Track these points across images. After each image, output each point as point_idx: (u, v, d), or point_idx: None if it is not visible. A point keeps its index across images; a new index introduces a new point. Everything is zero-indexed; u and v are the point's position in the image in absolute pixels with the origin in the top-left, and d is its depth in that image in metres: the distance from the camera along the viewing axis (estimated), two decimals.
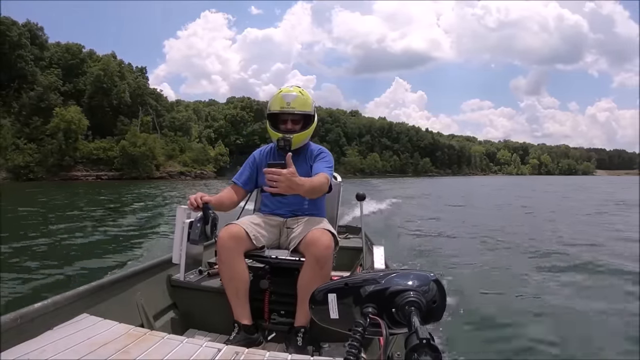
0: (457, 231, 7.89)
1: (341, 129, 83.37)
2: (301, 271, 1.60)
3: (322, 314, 0.65)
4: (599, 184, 44.76)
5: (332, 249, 1.61)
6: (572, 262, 5.22)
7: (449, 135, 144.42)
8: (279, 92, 1.88)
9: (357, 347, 0.54)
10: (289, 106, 1.82)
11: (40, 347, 1.11)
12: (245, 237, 1.66)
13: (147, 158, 40.04)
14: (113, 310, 1.50)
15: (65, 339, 1.17)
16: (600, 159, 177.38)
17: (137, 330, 1.30)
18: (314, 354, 1.56)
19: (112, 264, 4.89)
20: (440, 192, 23.62)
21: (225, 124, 68.63)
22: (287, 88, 1.89)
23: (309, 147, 1.95)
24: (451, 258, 5.35)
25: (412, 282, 0.59)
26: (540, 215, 11.33)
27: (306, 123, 1.88)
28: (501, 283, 4.26)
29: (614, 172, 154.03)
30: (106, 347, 1.14)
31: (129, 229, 7.99)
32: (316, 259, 1.55)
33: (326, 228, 1.69)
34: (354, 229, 3.09)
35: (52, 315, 1.28)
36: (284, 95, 1.83)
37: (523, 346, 2.72)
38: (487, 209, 13.78)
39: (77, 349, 1.11)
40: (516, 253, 5.86)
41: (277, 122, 1.87)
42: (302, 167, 1.81)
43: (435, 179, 69.38)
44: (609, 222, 9.81)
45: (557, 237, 7.14)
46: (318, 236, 1.59)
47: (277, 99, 1.85)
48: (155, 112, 45.90)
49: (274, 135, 1.85)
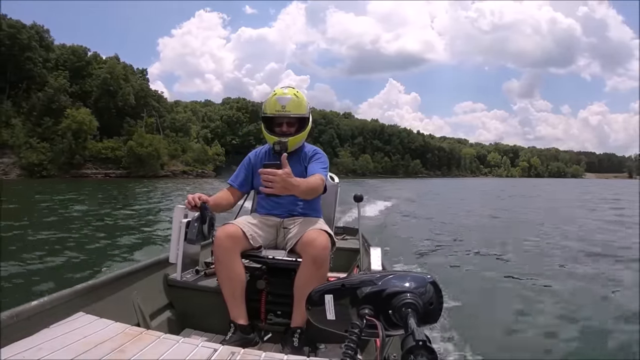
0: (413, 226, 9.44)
1: (334, 130, 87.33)
2: (298, 272, 1.62)
3: (318, 314, 0.66)
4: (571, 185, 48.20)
5: (329, 250, 1.63)
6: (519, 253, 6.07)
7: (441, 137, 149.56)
8: (273, 94, 1.88)
9: (353, 349, 0.55)
10: (284, 109, 1.83)
11: (36, 345, 1.12)
12: (242, 237, 1.68)
13: (153, 158, 43.66)
14: (109, 309, 1.51)
15: (62, 338, 1.18)
16: (590, 162, 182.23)
17: (133, 329, 1.31)
18: (310, 355, 1.58)
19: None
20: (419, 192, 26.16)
21: (221, 124, 71.90)
22: (281, 90, 1.89)
23: (303, 148, 1.97)
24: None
25: (409, 283, 0.60)
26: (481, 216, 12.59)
27: (301, 125, 1.89)
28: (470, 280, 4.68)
29: (603, 175, 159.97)
30: (102, 346, 1.16)
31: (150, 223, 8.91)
32: (313, 260, 1.57)
33: (323, 228, 1.70)
34: (351, 230, 3.12)
35: (48, 314, 1.29)
36: (279, 98, 1.84)
37: (522, 346, 2.83)
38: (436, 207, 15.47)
39: (73, 348, 1.12)
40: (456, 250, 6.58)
41: (272, 124, 1.88)
42: (296, 167, 1.84)
43: (425, 180, 73.34)
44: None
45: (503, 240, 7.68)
46: (315, 236, 1.61)
47: (271, 101, 1.86)
48: (157, 113, 49.38)
49: (270, 139, 1.87)
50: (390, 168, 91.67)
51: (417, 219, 11.24)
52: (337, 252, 1.84)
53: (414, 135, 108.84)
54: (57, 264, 5.07)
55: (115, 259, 5.35)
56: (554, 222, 10.82)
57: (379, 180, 50.32)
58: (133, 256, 5.39)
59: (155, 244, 6.37)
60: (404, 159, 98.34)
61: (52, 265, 4.98)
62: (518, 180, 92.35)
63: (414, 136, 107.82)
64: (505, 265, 5.48)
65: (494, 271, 5.07)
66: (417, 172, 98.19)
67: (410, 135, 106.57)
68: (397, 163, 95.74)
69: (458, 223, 10.40)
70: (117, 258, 5.40)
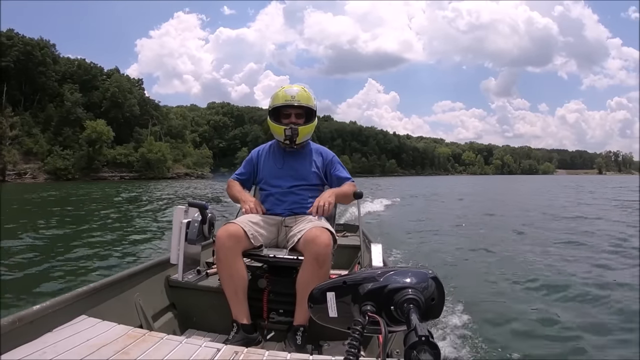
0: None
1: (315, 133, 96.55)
2: (300, 269, 1.70)
3: (320, 312, 0.68)
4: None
5: (331, 247, 1.71)
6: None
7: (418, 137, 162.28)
8: (281, 88, 2.04)
9: (356, 346, 0.56)
10: (293, 99, 1.97)
11: (39, 349, 1.17)
12: (243, 236, 1.76)
13: (161, 162, 53.07)
14: (112, 311, 1.58)
15: (65, 341, 1.23)
16: (562, 159, 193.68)
17: (136, 331, 1.37)
18: (313, 353, 1.64)
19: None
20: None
21: (209, 129, 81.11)
22: (288, 85, 2.07)
23: (309, 145, 2.13)
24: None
25: (410, 279, 0.62)
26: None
27: (308, 118, 2.04)
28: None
29: (573, 172, 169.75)
30: (106, 349, 1.21)
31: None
32: (315, 257, 1.65)
33: (324, 226, 1.78)
34: (352, 227, 3.28)
35: (51, 317, 1.34)
36: (288, 90, 2.01)
37: (522, 345, 2.90)
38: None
39: (77, 351, 1.18)
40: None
41: (279, 117, 2.02)
42: (303, 164, 2.04)
43: (400, 178, 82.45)
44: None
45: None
46: (317, 234, 1.69)
47: (280, 93, 2.01)
48: (158, 121, 58.80)
49: (278, 129, 1.99)
50: (368, 168, 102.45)
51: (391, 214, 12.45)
52: (338, 249, 1.87)
53: (390, 136, 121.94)
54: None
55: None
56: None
57: (358, 179, 59.95)
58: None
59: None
60: (380, 159, 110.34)
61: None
62: (491, 178, 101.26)
63: (390, 137, 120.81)
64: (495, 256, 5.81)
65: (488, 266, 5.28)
66: (393, 171, 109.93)
67: (386, 136, 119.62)
68: (374, 163, 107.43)
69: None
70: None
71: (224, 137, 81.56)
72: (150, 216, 11.13)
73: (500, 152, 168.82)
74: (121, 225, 9.33)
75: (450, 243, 7.04)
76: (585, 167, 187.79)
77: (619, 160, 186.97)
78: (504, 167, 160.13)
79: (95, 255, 5.90)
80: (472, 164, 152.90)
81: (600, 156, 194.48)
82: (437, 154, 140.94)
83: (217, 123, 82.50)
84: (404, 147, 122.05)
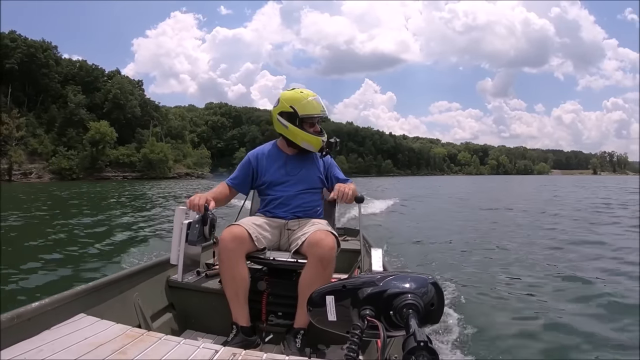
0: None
1: None
2: (303, 272, 1.72)
3: (319, 316, 0.69)
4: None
5: (335, 250, 1.74)
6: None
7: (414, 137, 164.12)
8: (306, 96, 2.00)
9: (355, 350, 0.57)
10: (322, 112, 2.01)
11: (37, 346, 1.18)
12: (247, 238, 1.77)
13: (163, 162, 55.07)
14: (110, 310, 1.59)
15: (63, 339, 1.24)
16: (558, 159, 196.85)
17: (134, 330, 1.37)
18: (312, 356, 1.66)
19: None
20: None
21: (207, 129, 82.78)
22: (308, 92, 2.03)
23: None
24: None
25: (410, 284, 0.63)
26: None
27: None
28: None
29: (568, 172, 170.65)
30: (103, 348, 1.21)
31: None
32: (320, 260, 1.67)
33: (329, 229, 1.82)
34: (352, 231, 3.30)
35: (49, 315, 1.35)
36: (316, 99, 2.01)
37: (521, 345, 2.91)
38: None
39: (74, 349, 1.18)
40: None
41: (303, 124, 1.99)
42: (310, 169, 2.09)
43: (396, 178, 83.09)
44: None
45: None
46: (322, 237, 1.72)
47: (310, 103, 1.98)
48: (158, 122, 60.63)
49: (315, 140, 2.01)
50: (364, 168, 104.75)
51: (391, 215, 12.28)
52: (338, 253, 1.85)
53: (386, 136, 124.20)
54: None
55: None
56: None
57: (355, 179, 61.53)
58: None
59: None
60: (376, 159, 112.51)
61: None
62: (487, 178, 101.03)
63: (386, 137, 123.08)
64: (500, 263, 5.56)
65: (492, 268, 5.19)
66: (389, 171, 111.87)
67: (382, 137, 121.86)
68: (370, 163, 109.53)
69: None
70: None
71: (222, 137, 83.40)
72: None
73: (496, 153, 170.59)
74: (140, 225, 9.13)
75: (451, 247, 6.90)
76: (581, 168, 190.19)
77: (613, 161, 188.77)
78: (499, 167, 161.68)
79: (102, 254, 5.92)
80: (467, 164, 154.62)
81: (595, 157, 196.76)
82: (433, 154, 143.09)
83: (215, 123, 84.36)
84: (400, 148, 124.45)
